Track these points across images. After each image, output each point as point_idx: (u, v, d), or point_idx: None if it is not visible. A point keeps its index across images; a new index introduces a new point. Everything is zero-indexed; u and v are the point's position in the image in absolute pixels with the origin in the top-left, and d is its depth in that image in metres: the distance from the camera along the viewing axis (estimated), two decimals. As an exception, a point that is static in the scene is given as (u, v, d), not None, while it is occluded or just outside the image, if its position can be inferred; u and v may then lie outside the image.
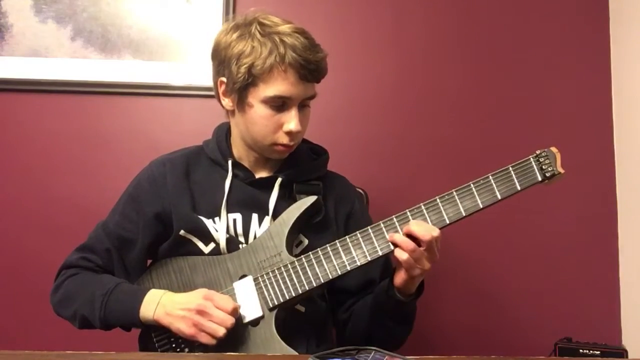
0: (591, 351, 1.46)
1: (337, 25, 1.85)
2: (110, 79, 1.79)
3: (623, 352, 1.49)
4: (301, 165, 1.27)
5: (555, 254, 1.80)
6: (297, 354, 1.08)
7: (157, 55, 1.80)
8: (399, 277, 1.11)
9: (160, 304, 1.11)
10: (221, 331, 1.06)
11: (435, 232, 1.05)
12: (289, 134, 1.17)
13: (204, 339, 1.07)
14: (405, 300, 1.13)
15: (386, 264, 1.27)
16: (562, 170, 1.06)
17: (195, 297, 1.09)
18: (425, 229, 1.04)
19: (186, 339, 1.10)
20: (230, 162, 1.24)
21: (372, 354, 0.96)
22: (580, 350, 1.47)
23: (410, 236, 1.05)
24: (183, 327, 1.08)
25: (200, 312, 1.07)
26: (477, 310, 1.80)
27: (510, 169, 1.07)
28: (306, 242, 1.21)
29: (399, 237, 1.05)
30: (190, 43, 1.81)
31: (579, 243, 1.80)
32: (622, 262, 1.78)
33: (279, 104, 1.16)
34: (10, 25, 1.78)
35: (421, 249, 1.05)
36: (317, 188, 1.25)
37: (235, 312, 1.09)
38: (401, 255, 1.05)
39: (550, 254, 1.80)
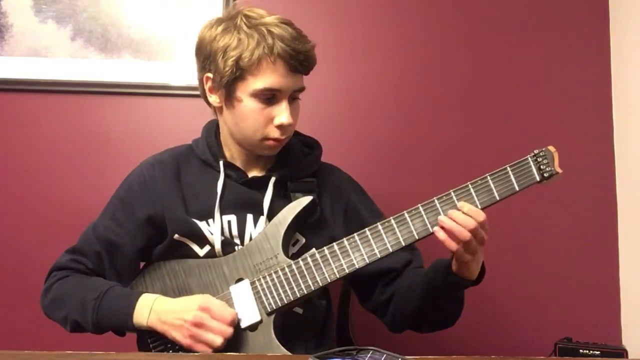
0: (591, 351, 1.46)
1: (337, 25, 1.84)
2: (110, 79, 1.79)
3: (623, 352, 1.49)
4: (294, 162, 1.24)
5: (555, 254, 1.80)
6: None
7: (157, 55, 1.80)
8: (454, 265, 1.09)
9: (153, 311, 1.09)
10: (218, 341, 1.04)
11: (482, 216, 1.03)
12: (280, 127, 1.15)
13: (201, 349, 1.05)
14: (467, 285, 1.12)
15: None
16: (560, 170, 1.05)
17: (191, 307, 1.07)
18: (466, 217, 1.02)
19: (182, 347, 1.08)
20: (221, 163, 1.22)
21: (370, 353, 0.96)
22: (580, 350, 1.46)
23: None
24: (179, 336, 1.06)
25: (197, 325, 1.05)
26: (477, 310, 1.80)
27: (509, 169, 1.05)
28: (303, 240, 1.19)
29: (455, 226, 1.02)
30: (190, 43, 1.79)
31: (579, 243, 1.80)
32: (622, 262, 1.78)
33: (269, 97, 1.13)
34: (10, 25, 1.79)
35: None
36: (312, 185, 1.23)
37: (233, 323, 1.07)
38: (450, 244, 1.02)
39: (550, 253, 1.80)
